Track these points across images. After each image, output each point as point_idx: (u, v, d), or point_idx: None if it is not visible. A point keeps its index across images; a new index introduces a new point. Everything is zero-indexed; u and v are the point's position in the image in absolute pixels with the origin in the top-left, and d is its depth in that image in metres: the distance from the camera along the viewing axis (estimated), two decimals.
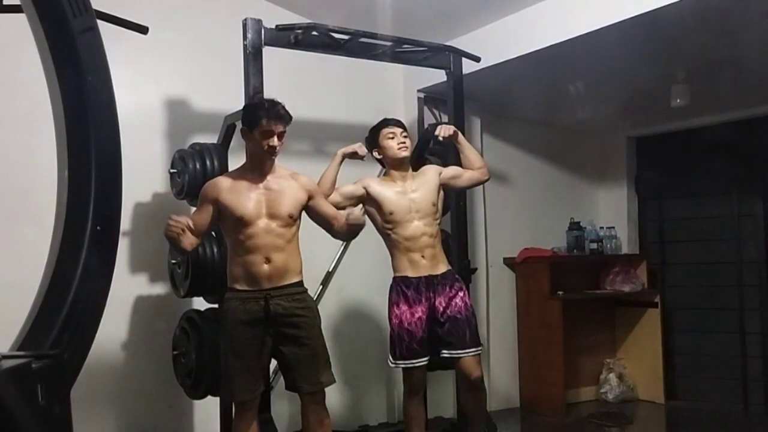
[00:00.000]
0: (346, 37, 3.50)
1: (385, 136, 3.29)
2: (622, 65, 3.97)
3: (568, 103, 4.66)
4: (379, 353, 4.35)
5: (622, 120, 5.18)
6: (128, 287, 3.64)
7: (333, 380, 2.92)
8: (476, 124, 4.68)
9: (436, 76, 4.04)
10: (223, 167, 3.30)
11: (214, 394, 3.21)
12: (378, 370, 4.36)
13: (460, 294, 3.24)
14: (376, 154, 3.34)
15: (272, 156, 2.85)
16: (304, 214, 2.98)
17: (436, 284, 3.21)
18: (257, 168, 2.88)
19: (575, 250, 5.04)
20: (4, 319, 1.76)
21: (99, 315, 1.36)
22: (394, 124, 3.33)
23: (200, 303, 3.41)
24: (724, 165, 4.94)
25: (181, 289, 3.31)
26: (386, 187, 3.27)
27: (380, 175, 3.56)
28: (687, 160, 5.10)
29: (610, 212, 5.39)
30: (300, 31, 3.37)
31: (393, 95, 4.58)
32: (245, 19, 3.24)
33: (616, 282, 5.03)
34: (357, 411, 4.28)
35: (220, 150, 3.36)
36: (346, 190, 3.24)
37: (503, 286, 4.93)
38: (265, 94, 3.16)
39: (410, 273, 3.21)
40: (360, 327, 4.34)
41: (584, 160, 5.47)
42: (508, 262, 4.94)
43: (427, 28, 3.91)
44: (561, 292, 4.75)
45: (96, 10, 1.45)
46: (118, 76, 1.50)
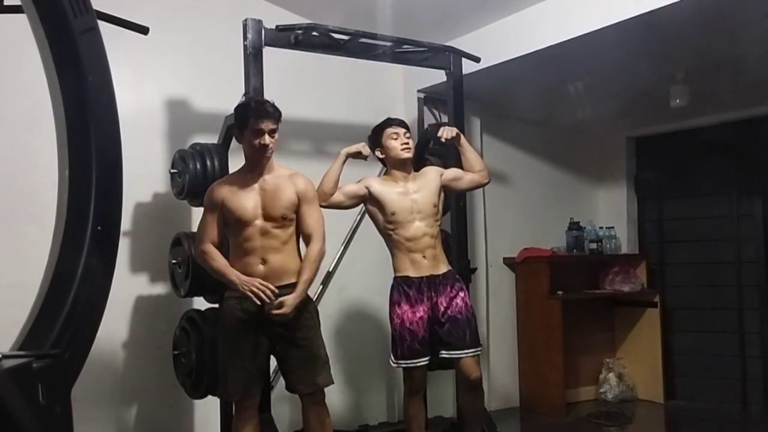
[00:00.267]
0: (346, 38, 3.50)
1: (389, 136, 3.29)
2: (622, 65, 3.97)
3: (568, 104, 4.66)
4: (379, 353, 4.35)
5: (621, 120, 5.19)
6: (129, 287, 3.65)
7: (330, 381, 2.90)
8: (476, 124, 4.68)
9: (436, 77, 4.05)
10: (224, 167, 3.30)
11: (214, 394, 3.21)
12: (378, 370, 4.36)
13: (461, 294, 3.24)
14: (378, 153, 3.34)
15: (265, 154, 2.83)
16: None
17: (438, 284, 3.22)
18: (254, 168, 2.89)
19: (575, 250, 5.05)
20: (4, 319, 1.77)
21: (100, 315, 1.36)
22: (397, 125, 3.33)
23: (201, 303, 3.41)
24: (724, 165, 4.95)
25: (182, 288, 3.31)
26: (388, 187, 3.26)
27: (380, 175, 3.56)
28: (686, 160, 5.11)
29: (610, 212, 5.39)
30: (300, 31, 3.37)
31: (393, 95, 4.59)
32: (245, 20, 3.24)
33: (615, 282, 5.03)
34: (357, 410, 4.28)
35: (221, 150, 3.36)
36: (349, 189, 3.24)
37: (503, 286, 4.94)
38: (266, 95, 3.17)
39: (412, 273, 3.21)
40: (360, 327, 4.34)
41: (584, 160, 5.47)
42: (508, 262, 4.94)
43: (427, 29, 3.91)
44: (561, 292, 4.76)
45: (97, 11, 1.45)
46: (119, 77, 1.51)
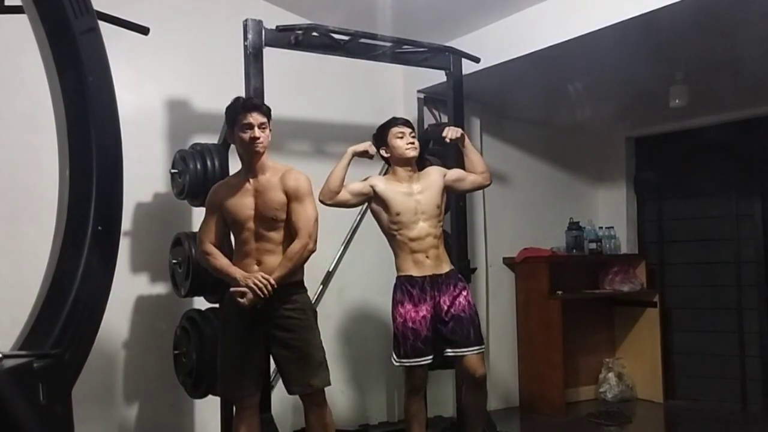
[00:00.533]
0: (346, 38, 3.51)
1: (395, 135, 3.30)
2: (622, 66, 3.98)
3: (568, 104, 4.66)
4: (379, 353, 4.36)
5: (621, 120, 5.19)
6: (129, 287, 3.65)
7: (326, 383, 2.87)
8: (476, 124, 4.69)
9: (436, 77, 4.05)
10: (224, 167, 3.31)
11: (214, 394, 3.22)
12: (378, 370, 4.37)
13: (464, 293, 3.25)
14: (383, 152, 3.34)
15: (256, 148, 2.81)
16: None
17: (441, 283, 3.23)
18: (249, 169, 2.88)
19: (574, 250, 5.05)
20: (5, 319, 1.77)
21: (100, 314, 1.35)
22: (403, 124, 3.34)
23: (201, 303, 3.42)
24: (723, 165, 4.95)
25: (182, 288, 3.31)
26: (392, 186, 3.27)
27: (381, 173, 3.56)
28: (686, 160, 5.11)
29: (609, 212, 5.40)
30: (300, 31, 3.38)
31: (393, 96, 4.59)
32: (246, 20, 3.25)
33: (615, 282, 5.04)
34: (357, 410, 4.29)
35: (221, 150, 3.37)
36: (355, 187, 3.25)
37: (503, 285, 4.94)
38: (266, 95, 3.18)
39: (415, 272, 3.22)
40: (360, 327, 4.35)
41: (583, 160, 5.48)
42: (508, 262, 4.94)
43: (426, 29, 3.92)
44: (560, 292, 4.76)
45: (97, 11, 1.45)
46: (120, 77, 1.51)
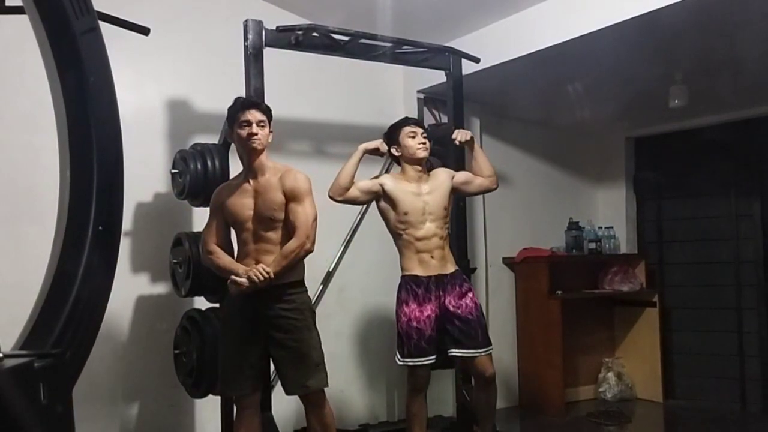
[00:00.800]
0: (346, 38, 3.51)
1: (406, 134, 3.32)
2: (621, 66, 3.98)
3: (567, 104, 4.67)
4: (379, 352, 4.37)
5: (620, 120, 5.20)
6: (130, 287, 3.66)
7: (323, 384, 2.86)
8: (476, 124, 4.69)
9: (436, 77, 4.06)
10: (224, 168, 3.32)
11: (215, 393, 3.22)
12: (378, 370, 4.37)
13: (470, 294, 3.28)
14: (394, 150, 3.35)
15: (253, 144, 2.81)
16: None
17: (446, 283, 3.25)
18: (249, 169, 2.89)
19: (574, 250, 5.05)
20: (6, 318, 1.77)
21: (101, 314, 1.36)
22: (415, 124, 3.37)
23: (201, 302, 3.43)
24: (723, 165, 4.95)
25: (183, 288, 3.32)
26: (401, 186, 3.29)
27: (383, 172, 3.56)
28: (685, 160, 5.12)
29: (609, 212, 5.40)
30: (300, 32, 3.38)
31: (393, 96, 4.60)
32: (246, 21, 3.25)
33: (614, 281, 5.05)
34: (357, 410, 4.29)
35: (221, 150, 3.38)
36: (364, 185, 3.27)
37: (502, 285, 4.94)
38: (266, 95, 3.18)
39: (420, 272, 3.24)
40: (360, 327, 4.35)
41: (583, 160, 5.48)
42: (508, 261, 4.95)
43: (426, 29, 3.92)
44: (560, 292, 4.77)
45: (98, 12, 1.46)
46: (120, 77, 1.51)
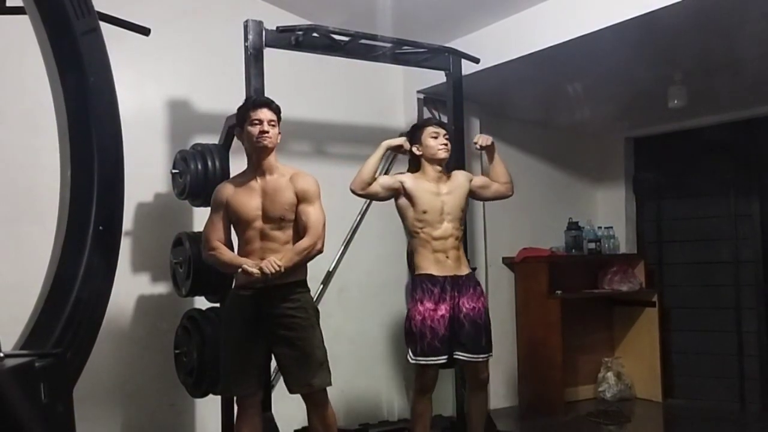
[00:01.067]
0: (346, 39, 3.52)
1: (429, 134, 3.35)
2: (620, 67, 3.98)
3: (567, 104, 4.67)
4: (379, 352, 4.37)
5: (620, 121, 5.20)
6: (130, 287, 3.66)
7: (327, 383, 2.87)
8: (475, 124, 4.69)
9: (436, 77, 4.06)
10: (225, 168, 3.32)
11: (215, 393, 3.23)
12: (378, 370, 4.38)
13: (482, 299, 3.34)
14: (416, 149, 3.38)
15: (264, 142, 2.82)
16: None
17: (461, 284, 3.29)
18: (257, 168, 2.90)
19: (573, 250, 5.06)
20: (7, 318, 1.78)
21: (101, 314, 1.36)
22: (438, 125, 3.41)
23: (202, 302, 3.43)
24: (722, 165, 4.96)
25: (183, 288, 3.32)
26: (421, 185, 3.32)
27: (382, 172, 3.56)
28: (684, 160, 5.12)
29: (608, 212, 5.41)
30: (300, 32, 3.39)
31: (393, 96, 4.60)
32: (246, 21, 3.26)
33: (614, 281, 5.05)
34: (357, 409, 4.29)
35: (222, 150, 3.38)
36: (385, 181, 3.32)
37: (502, 285, 4.95)
38: (266, 95, 3.18)
39: (435, 272, 3.26)
40: (360, 327, 4.35)
41: (582, 160, 5.48)
42: (507, 261, 4.95)
43: (426, 30, 3.92)
44: (559, 292, 4.77)
45: (98, 12, 1.46)
46: (120, 77, 1.52)
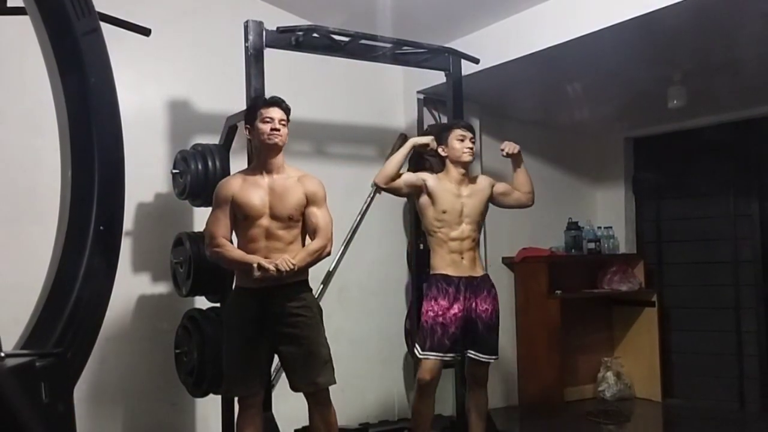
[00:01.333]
0: (346, 39, 3.52)
1: (456, 136, 3.37)
2: (620, 67, 3.99)
3: (567, 104, 4.67)
4: (379, 352, 4.38)
5: (619, 121, 5.19)
6: (131, 286, 3.67)
7: (332, 381, 2.90)
8: (475, 125, 4.67)
9: (436, 78, 4.07)
10: (225, 168, 3.33)
11: (215, 392, 3.24)
12: (378, 369, 4.38)
13: (495, 302, 3.40)
14: (441, 151, 3.41)
15: (274, 140, 2.83)
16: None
17: (476, 286, 3.33)
18: (264, 166, 2.89)
19: (573, 250, 5.06)
20: (8, 318, 1.78)
21: (102, 314, 1.37)
22: (466, 128, 3.43)
23: (202, 302, 3.44)
24: (721, 165, 4.96)
25: (183, 288, 3.33)
26: (442, 185, 3.35)
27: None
28: (684, 160, 5.13)
29: (608, 212, 5.41)
30: (301, 33, 3.40)
31: (393, 96, 4.61)
32: (247, 21, 3.26)
33: (613, 281, 5.06)
34: (357, 409, 4.29)
35: (222, 151, 3.39)
36: (409, 178, 3.35)
37: (502, 285, 4.90)
38: (267, 96, 3.19)
39: (451, 272, 3.30)
40: (360, 326, 4.35)
41: (582, 160, 5.48)
42: (507, 261, 4.96)
43: (426, 30, 3.93)
44: (559, 292, 4.78)
45: (99, 12, 1.47)
46: (121, 78, 1.53)
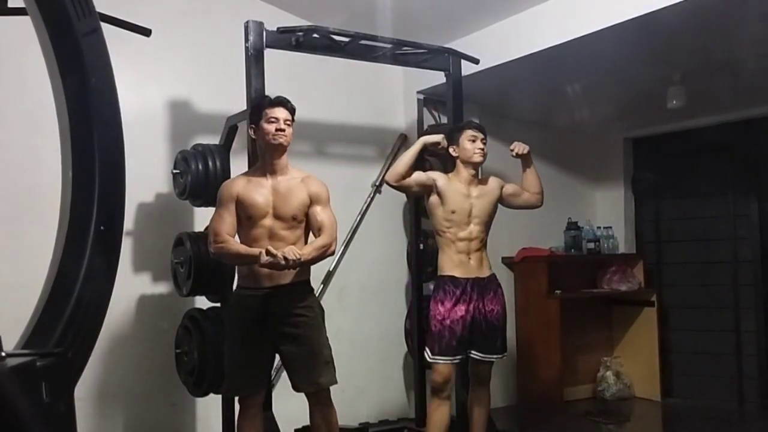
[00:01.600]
0: (346, 40, 3.52)
1: (468, 137, 3.38)
2: (620, 67, 3.99)
3: (566, 105, 4.68)
4: (379, 352, 4.38)
5: (619, 121, 5.20)
6: (131, 286, 3.67)
7: (333, 381, 2.91)
8: None
9: (436, 78, 4.08)
10: (225, 168, 3.34)
11: (216, 392, 3.24)
12: (378, 369, 4.39)
13: (502, 302, 3.41)
14: (452, 150, 3.41)
15: (279, 140, 2.83)
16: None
17: (483, 287, 3.34)
18: (268, 166, 2.90)
19: (573, 250, 5.07)
20: (9, 318, 1.79)
21: (102, 314, 1.37)
22: (478, 129, 3.43)
23: (203, 302, 3.45)
24: (720, 166, 4.97)
25: (184, 288, 3.33)
26: (452, 185, 3.36)
27: (381, 176, 3.57)
28: (683, 160, 5.14)
29: (607, 212, 5.41)
30: (301, 33, 3.40)
31: (393, 97, 4.61)
32: (247, 22, 3.27)
33: (613, 281, 5.06)
34: (357, 409, 4.30)
35: (222, 151, 3.40)
36: (419, 177, 3.35)
37: (501, 285, 4.94)
38: (271, 96, 3.19)
39: (458, 273, 3.31)
40: (360, 326, 4.36)
41: (582, 160, 5.49)
42: (507, 261, 4.96)
43: (426, 31, 3.93)
44: (559, 292, 4.78)
45: (99, 13, 1.47)
46: (122, 78, 1.53)
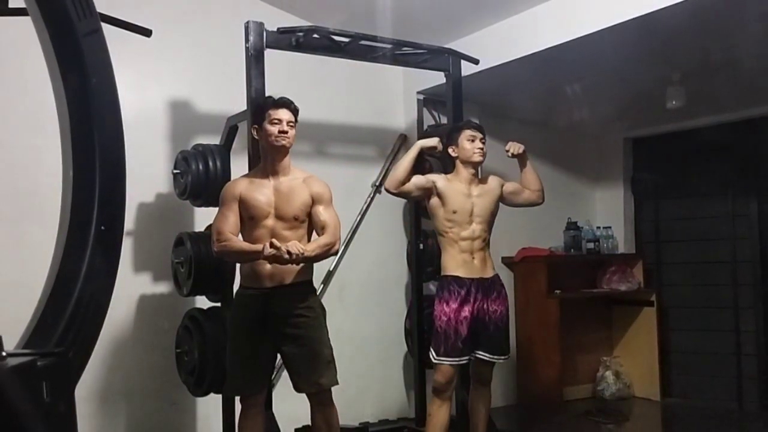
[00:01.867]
0: (346, 40, 3.53)
1: (467, 137, 3.38)
2: (619, 67, 4.00)
3: (566, 105, 4.68)
4: (378, 352, 4.39)
5: (618, 121, 5.21)
6: (132, 286, 3.68)
7: (334, 382, 2.91)
8: None
9: (436, 78, 4.08)
10: (226, 168, 3.34)
11: (216, 392, 3.25)
12: (378, 369, 4.39)
13: (506, 303, 3.41)
14: (451, 151, 3.41)
15: (282, 142, 2.84)
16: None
17: (486, 287, 3.34)
18: (270, 167, 2.90)
19: (572, 250, 5.07)
20: (9, 318, 1.79)
21: (103, 313, 1.37)
22: (476, 128, 3.44)
23: (203, 302, 3.45)
24: (720, 165, 4.98)
25: (184, 287, 3.34)
26: (452, 185, 3.36)
27: (381, 176, 3.58)
28: (683, 160, 5.14)
29: (607, 212, 5.42)
30: (301, 33, 3.40)
31: (393, 97, 4.62)
32: (247, 22, 3.27)
33: (612, 281, 5.07)
34: (357, 408, 4.30)
35: (223, 151, 3.40)
36: (418, 181, 3.36)
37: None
38: (274, 96, 3.20)
39: (462, 273, 3.31)
40: (360, 326, 4.36)
41: (581, 160, 5.49)
42: (507, 261, 4.96)
43: (426, 31, 3.94)
44: (558, 291, 4.79)
45: (100, 13, 1.47)
46: (122, 78, 1.53)
